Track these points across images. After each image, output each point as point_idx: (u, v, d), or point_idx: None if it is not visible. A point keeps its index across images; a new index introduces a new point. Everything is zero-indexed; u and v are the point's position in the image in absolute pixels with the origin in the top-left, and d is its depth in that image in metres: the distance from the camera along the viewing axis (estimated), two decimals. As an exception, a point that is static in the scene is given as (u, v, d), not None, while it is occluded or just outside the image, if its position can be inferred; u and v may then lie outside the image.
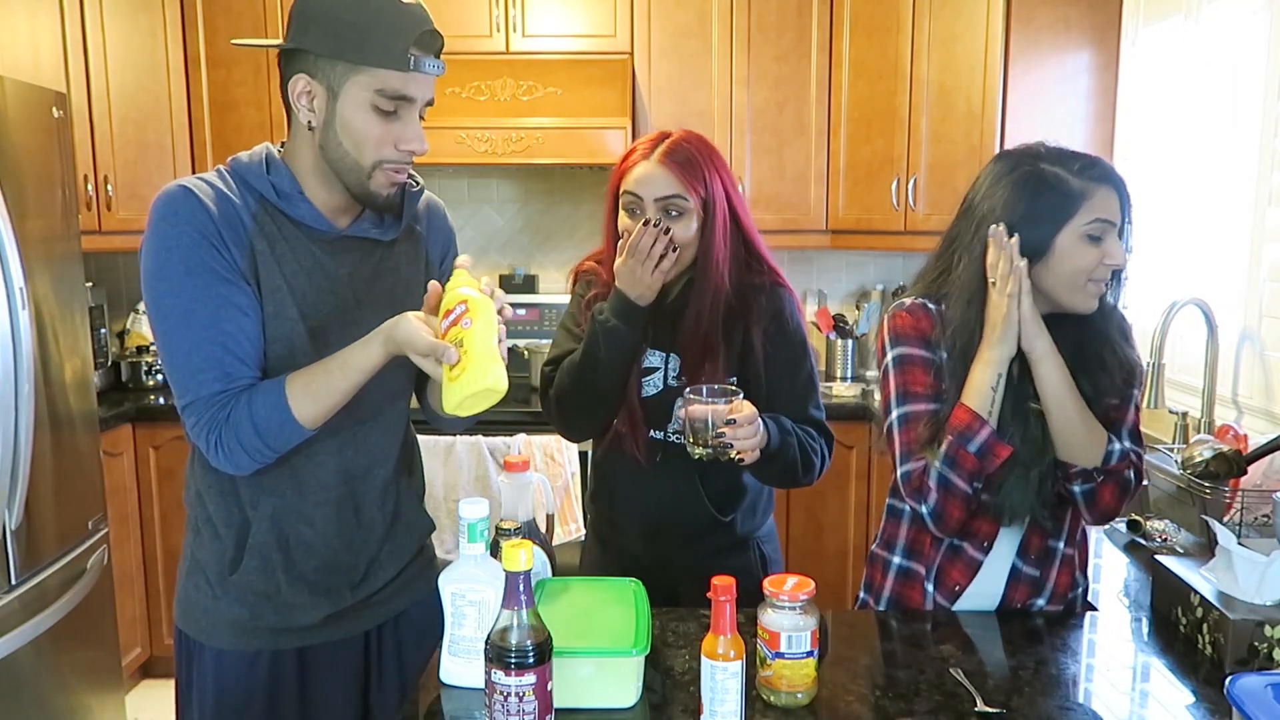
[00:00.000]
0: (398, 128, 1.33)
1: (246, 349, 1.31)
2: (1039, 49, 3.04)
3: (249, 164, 1.37)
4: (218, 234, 1.29)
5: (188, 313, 1.28)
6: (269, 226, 1.35)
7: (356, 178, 1.34)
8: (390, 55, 1.28)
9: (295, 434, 1.31)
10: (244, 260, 1.32)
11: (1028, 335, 1.40)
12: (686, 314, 1.68)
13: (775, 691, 1.22)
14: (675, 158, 1.63)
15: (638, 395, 1.71)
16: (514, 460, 1.38)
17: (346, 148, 1.32)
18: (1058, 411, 1.41)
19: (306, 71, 1.31)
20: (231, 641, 1.43)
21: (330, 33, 1.27)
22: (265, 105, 3.39)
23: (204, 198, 1.30)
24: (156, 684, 3.36)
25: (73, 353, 2.57)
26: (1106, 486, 1.44)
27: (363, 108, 1.30)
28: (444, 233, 1.57)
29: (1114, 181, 1.39)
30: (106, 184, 3.23)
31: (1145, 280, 2.79)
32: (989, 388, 1.39)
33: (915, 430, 1.45)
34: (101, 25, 3.15)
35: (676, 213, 1.63)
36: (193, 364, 1.29)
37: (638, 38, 3.35)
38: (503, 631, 1.05)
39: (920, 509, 1.44)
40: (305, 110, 1.33)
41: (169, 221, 1.28)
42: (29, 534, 2.32)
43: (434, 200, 1.58)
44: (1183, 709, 1.26)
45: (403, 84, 1.30)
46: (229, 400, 1.30)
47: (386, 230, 1.45)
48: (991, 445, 1.39)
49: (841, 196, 3.44)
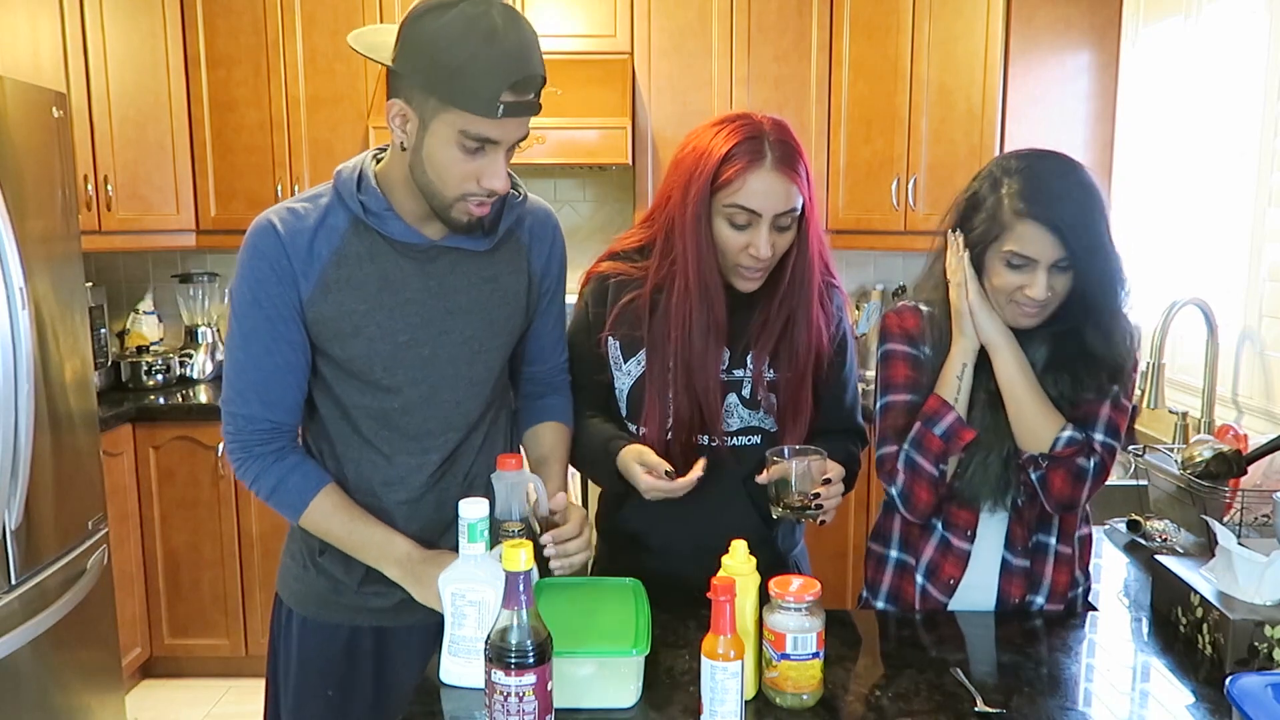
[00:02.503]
0: (482, 164, 1.33)
1: (288, 381, 1.43)
2: (1039, 49, 3.04)
3: (345, 180, 1.42)
4: (289, 269, 1.38)
5: (246, 338, 1.41)
6: (358, 245, 1.41)
7: (439, 204, 1.37)
8: (479, 102, 1.27)
9: (292, 520, 1.48)
10: (311, 292, 1.39)
11: (979, 324, 1.46)
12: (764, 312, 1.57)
13: (781, 693, 1.22)
14: (790, 163, 1.47)
15: (704, 397, 1.57)
16: (507, 458, 1.37)
17: (431, 176, 1.35)
18: (1009, 397, 1.47)
19: (403, 96, 1.32)
20: (315, 611, 1.53)
21: (427, 65, 1.28)
22: (265, 105, 3.39)
23: (283, 232, 1.38)
24: (156, 684, 3.36)
25: (73, 353, 2.57)
26: (1056, 473, 1.46)
27: (448, 144, 1.31)
28: (547, 242, 1.56)
29: (1053, 225, 1.38)
30: (106, 184, 3.23)
31: (1145, 280, 2.79)
32: (954, 376, 1.48)
33: (890, 418, 1.55)
34: (101, 25, 3.15)
35: (789, 226, 1.50)
36: (243, 382, 1.43)
37: (638, 38, 3.35)
38: (503, 631, 1.05)
39: (890, 490, 1.53)
40: (399, 132, 1.35)
41: (247, 253, 1.40)
42: (29, 534, 2.32)
43: (541, 208, 1.57)
44: (1183, 709, 1.26)
45: (488, 129, 1.30)
46: (273, 438, 1.44)
47: (480, 240, 1.46)
48: (956, 430, 1.46)
49: (841, 196, 3.44)
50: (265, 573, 3.29)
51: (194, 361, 3.60)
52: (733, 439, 1.62)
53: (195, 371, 3.60)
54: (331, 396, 1.47)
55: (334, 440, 1.49)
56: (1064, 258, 1.39)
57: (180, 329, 3.73)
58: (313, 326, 1.41)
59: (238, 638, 3.33)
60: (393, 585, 1.48)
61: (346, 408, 1.46)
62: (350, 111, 3.37)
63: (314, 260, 1.39)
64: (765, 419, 1.62)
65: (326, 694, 1.52)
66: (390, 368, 1.43)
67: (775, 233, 1.49)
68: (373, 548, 1.43)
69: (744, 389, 1.60)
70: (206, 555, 3.28)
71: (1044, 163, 1.45)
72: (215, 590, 3.30)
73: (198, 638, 3.34)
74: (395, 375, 1.43)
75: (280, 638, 1.57)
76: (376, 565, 1.43)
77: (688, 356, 1.55)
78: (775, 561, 1.67)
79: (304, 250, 1.39)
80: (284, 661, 1.56)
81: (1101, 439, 1.48)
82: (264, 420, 1.42)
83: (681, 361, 1.56)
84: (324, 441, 1.50)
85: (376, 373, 1.43)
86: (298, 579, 1.54)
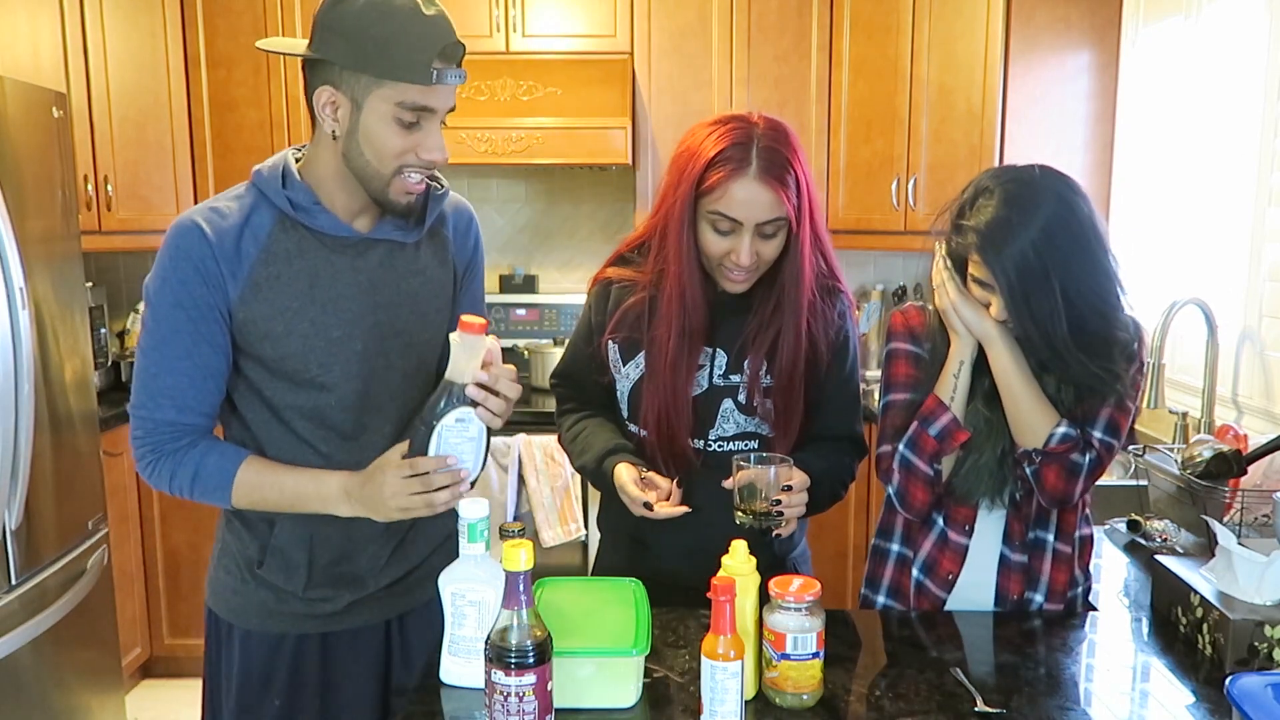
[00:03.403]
0: (419, 137, 1.34)
1: (207, 386, 1.39)
2: (1039, 49, 3.04)
3: (267, 178, 1.40)
4: (215, 271, 1.36)
5: (164, 340, 1.37)
6: (286, 242, 1.39)
7: (378, 185, 1.37)
8: (413, 70, 1.29)
9: (222, 503, 1.42)
10: (240, 292, 1.36)
11: (964, 320, 1.47)
12: (759, 317, 1.56)
13: (781, 693, 1.22)
14: (775, 172, 1.45)
15: (687, 400, 1.58)
16: (470, 320, 1.29)
17: (368, 157, 1.35)
18: (1004, 392, 1.48)
19: (331, 83, 1.32)
20: (258, 624, 1.49)
21: (354, 46, 1.29)
22: (265, 105, 3.39)
23: (210, 233, 1.36)
24: (156, 684, 3.36)
25: (73, 353, 2.57)
26: (1050, 469, 1.46)
27: (385, 119, 1.32)
28: (468, 235, 1.58)
29: (984, 255, 1.40)
30: (106, 184, 3.23)
31: (1145, 280, 2.79)
32: (951, 375, 1.50)
33: (890, 416, 1.57)
34: (101, 25, 3.15)
35: (773, 234, 1.50)
36: (157, 385, 1.38)
37: (638, 38, 3.35)
38: (503, 631, 1.05)
39: (888, 489, 1.56)
40: (330, 120, 1.35)
41: (169, 254, 1.37)
42: (29, 534, 2.32)
43: (461, 204, 1.58)
44: (1183, 709, 1.27)
45: (424, 97, 1.31)
46: (184, 435, 1.39)
47: (409, 233, 1.46)
48: (951, 430, 1.48)
49: (841, 196, 3.44)
50: (265, 573, 3.29)
51: (194, 361, 3.59)
52: (729, 444, 1.62)
53: (195, 371, 3.59)
54: (260, 399, 1.43)
55: (264, 443, 1.45)
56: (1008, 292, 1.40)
57: (180, 329, 3.73)
58: (242, 328, 1.38)
59: (238, 638, 3.33)
60: (339, 588, 1.47)
61: (277, 408, 1.43)
62: (350, 111, 3.37)
63: (242, 260, 1.37)
64: (761, 425, 1.62)
65: (274, 704, 1.49)
66: (325, 364, 1.41)
67: (760, 240, 1.50)
68: (312, 497, 1.39)
69: (740, 394, 1.60)
70: (206, 555, 3.22)
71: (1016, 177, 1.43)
72: (215, 590, 3.30)
73: (198, 638, 3.28)
74: (330, 372, 1.41)
75: (218, 656, 1.54)
76: (325, 510, 1.39)
77: (666, 357, 1.57)
78: (774, 563, 1.67)
79: (231, 250, 1.36)
80: (225, 675, 1.53)
81: (1100, 437, 1.48)
82: (177, 424, 1.39)
83: (660, 363, 1.58)
84: (252, 445, 1.46)
85: (311, 370, 1.40)
86: (235, 592, 1.50)
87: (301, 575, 1.47)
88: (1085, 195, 1.43)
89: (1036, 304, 1.39)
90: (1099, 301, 1.42)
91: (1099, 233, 1.42)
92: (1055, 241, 1.38)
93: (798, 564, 1.75)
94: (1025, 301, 1.39)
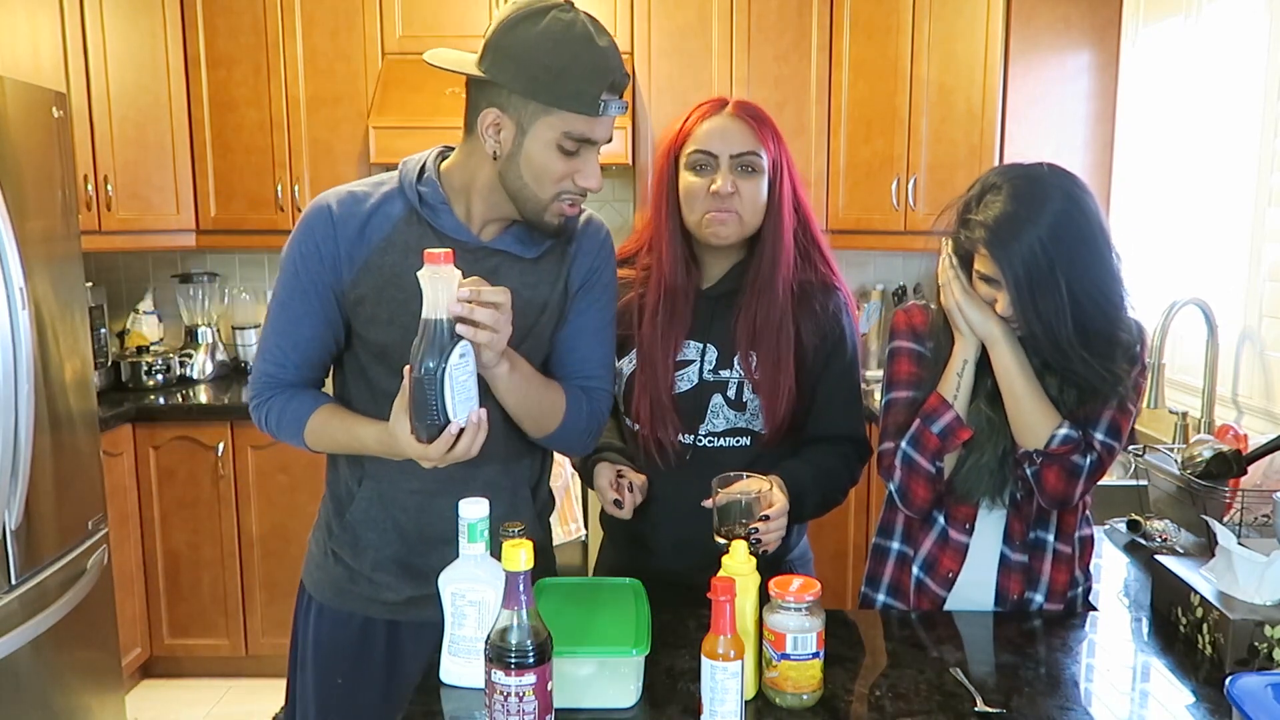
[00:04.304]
0: (577, 164, 1.37)
1: (307, 353, 1.47)
2: (1039, 49, 3.04)
3: (407, 171, 1.45)
4: (334, 252, 1.42)
5: (281, 305, 1.46)
6: (409, 234, 1.42)
7: (533, 207, 1.39)
8: (582, 101, 1.31)
9: (300, 446, 1.49)
10: (354, 275, 1.42)
11: (968, 320, 1.47)
12: (743, 300, 1.58)
13: (781, 693, 1.22)
14: (748, 111, 1.57)
15: (669, 393, 1.61)
16: (435, 252, 1.21)
17: (527, 179, 1.37)
18: (1006, 392, 1.48)
19: (498, 105, 1.34)
20: (331, 599, 1.55)
21: (527, 72, 1.30)
22: (265, 105, 3.39)
23: (337, 214, 1.42)
24: (156, 684, 3.36)
25: (73, 353, 2.57)
26: (1050, 470, 1.46)
27: (549, 146, 1.34)
28: (594, 255, 1.53)
29: (992, 250, 1.40)
30: (106, 184, 3.23)
31: (1145, 280, 2.79)
32: (955, 374, 1.50)
33: (892, 414, 1.57)
34: (101, 25, 3.15)
35: (750, 170, 1.56)
36: (268, 344, 1.49)
37: (638, 38, 3.35)
38: (503, 631, 1.05)
39: (889, 486, 1.56)
40: (492, 141, 1.36)
41: (299, 228, 1.44)
42: (29, 534, 2.32)
43: (596, 221, 1.56)
44: (1183, 709, 1.27)
45: (589, 127, 1.34)
46: (276, 386, 1.49)
47: (529, 248, 1.46)
48: (953, 428, 1.48)
49: (841, 196, 3.44)
50: (265, 573, 3.30)
51: (194, 361, 3.60)
52: (719, 439, 1.63)
53: (195, 371, 3.60)
54: (365, 379, 1.49)
55: None
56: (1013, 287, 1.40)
57: (180, 329, 3.73)
58: (353, 308, 1.44)
59: (238, 638, 3.33)
60: (399, 578, 1.50)
61: (376, 393, 1.47)
62: (350, 111, 3.36)
63: (363, 245, 1.42)
64: (753, 420, 1.62)
65: (337, 681, 1.54)
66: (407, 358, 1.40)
67: (739, 174, 1.55)
68: (370, 440, 1.40)
69: (729, 389, 1.61)
70: (206, 555, 3.29)
71: (1021, 174, 1.43)
72: (215, 590, 3.30)
73: (198, 638, 3.34)
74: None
75: (301, 623, 1.61)
76: (383, 454, 1.41)
77: (651, 343, 1.61)
78: (768, 566, 1.66)
79: (354, 234, 1.42)
80: (302, 647, 1.59)
81: (1101, 439, 1.48)
82: (275, 378, 1.48)
83: (645, 351, 1.61)
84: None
85: (398, 360, 1.39)
86: (319, 566, 1.57)
87: (369, 557, 1.51)
88: (1092, 194, 1.43)
89: (1042, 300, 1.39)
90: (1104, 300, 1.42)
91: (1105, 232, 1.43)
92: (1063, 238, 1.38)
93: (795, 565, 1.75)
94: (1031, 297, 1.39)
